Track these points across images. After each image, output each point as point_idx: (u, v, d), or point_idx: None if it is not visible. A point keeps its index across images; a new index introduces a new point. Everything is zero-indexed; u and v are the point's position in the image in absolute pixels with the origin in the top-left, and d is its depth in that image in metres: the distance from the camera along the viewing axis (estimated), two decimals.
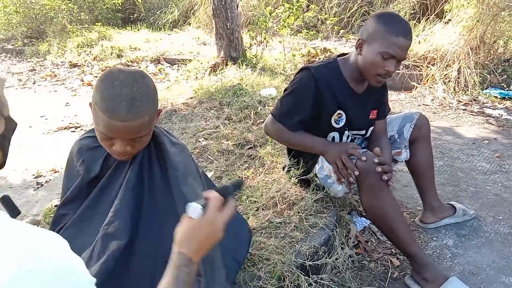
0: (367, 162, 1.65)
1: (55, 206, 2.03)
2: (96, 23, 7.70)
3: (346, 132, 1.92)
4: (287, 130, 1.85)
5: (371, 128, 1.99)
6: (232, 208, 0.94)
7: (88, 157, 1.32)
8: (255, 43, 4.95)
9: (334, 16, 6.18)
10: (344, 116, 1.87)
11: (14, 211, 1.15)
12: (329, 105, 1.82)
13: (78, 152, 1.34)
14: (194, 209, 0.89)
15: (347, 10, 6.28)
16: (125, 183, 1.22)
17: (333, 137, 1.91)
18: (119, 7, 8.45)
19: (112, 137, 1.13)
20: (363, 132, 1.97)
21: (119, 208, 1.20)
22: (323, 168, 1.86)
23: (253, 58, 4.81)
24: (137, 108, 1.08)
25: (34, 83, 5.56)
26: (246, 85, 3.77)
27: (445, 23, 4.84)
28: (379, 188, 1.67)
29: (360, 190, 1.74)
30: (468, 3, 4.44)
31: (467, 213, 2.19)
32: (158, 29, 8.01)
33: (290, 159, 2.04)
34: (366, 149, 1.77)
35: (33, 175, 2.87)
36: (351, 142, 1.98)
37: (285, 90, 1.90)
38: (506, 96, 4.01)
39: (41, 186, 2.66)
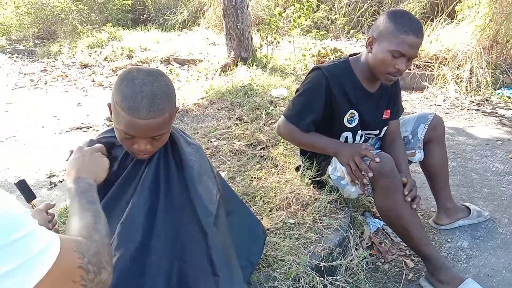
0: (380, 163, 1.64)
1: None
2: (106, 24, 7.76)
3: (360, 132, 1.91)
4: (299, 131, 1.84)
5: (385, 128, 1.97)
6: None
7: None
8: (265, 43, 4.95)
9: (344, 16, 6.16)
10: (357, 116, 1.86)
11: (29, 195, 1.20)
12: (341, 105, 1.81)
13: None
14: None
15: (357, 9, 6.26)
16: (141, 182, 1.23)
17: (346, 137, 1.90)
18: (129, 8, 8.51)
19: (133, 136, 1.14)
20: (377, 132, 1.96)
21: (135, 206, 1.21)
22: (336, 169, 1.85)
23: (263, 59, 4.80)
24: (158, 105, 1.10)
25: (45, 83, 5.61)
26: (257, 86, 3.77)
27: (456, 23, 4.80)
28: (394, 189, 1.66)
29: (374, 191, 1.73)
30: (479, 2, 4.40)
31: (481, 215, 2.17)
32: (167, 29, 8.05)
33: (303, 160, 2.03)
34: (379, 150, 1.76)
35: (47, 174, 2.89)
36: (364, 142, 1.97)
37: (297, 90, 1.90)
38: None
39: (54, 186, 2.68)
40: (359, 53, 1.88)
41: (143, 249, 1.19)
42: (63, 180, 2.75)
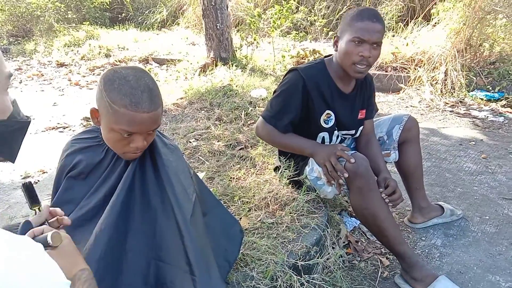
0: (355, 164, 1.67)
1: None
2: (84, 22, 7.65)
3: (336, 132, 1.94)
4: (278, 132, 1.86)
5: (361, 128, 2.01)
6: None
7: (82, 158, 1.32)
8: (245, 44, 4.96)
9: (323, 18, 6.22)
10: (333, 116, 1.89)
11: (34, 201, 1.07)
12: (317, 105, 1.85)
13: (71, 153, 1.34)
14: (55, 236, 0.90)
15: (336, 11, 6.33)
16: (121, 182, 1.22)
17: (323, 137, 1.93)
18: (107, 6, 8.41)
19: (133, 133, 1.15)
20: (353, 132, 1.99)
21: (113, 206, 1.20)
22: (313, 170, 1.87)
23: (243, 59, 4.82)
24: (155, 97, 1.14)
25: (20, 82, 5.49)
26: (236, 86, 3.78)
27: (432, 26, 4.91)
28: (368, 189, 1.69)
29: (350, 191, 1.76)
30: (454, 6, 4.52)
31: (454, 213, 2.23)
32: (146, 28, 7.98)
33: (282, 160, 2.05)
34: (355, 151, 1.79)
35: (21, 175, 2.84)
36: (341, 142, 2.01)
37: (275, 91, 1.92)
38: (492, 98, 4.09)
39: None
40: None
41: (120, 248, 1.19)
42: (38, 181, 2.70)
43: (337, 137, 1.96)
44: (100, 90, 1.14)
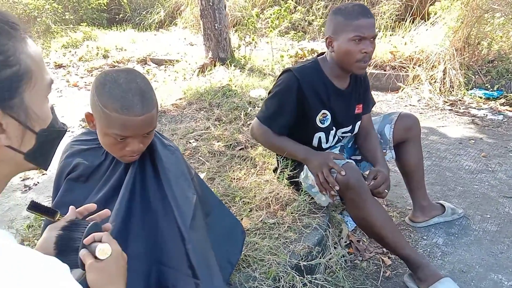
0: (346, 176, 1.65)
1: None
2: (81, 23, 7.63)
3: (333, 132, 1.93)
4: (272, 133, 1.86)
5: (358, 123, 2.01)
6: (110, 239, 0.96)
7: (81, 161, 1.31)
8: (243, 44, 4.95)
9: (321, 18, 6.22)
10: (329, 116, 1.88)
11: (51, 213, 0.98)
12: (313, 105, 1.84)
13: (71, 155, 1.33)
14: (103, 250, 0.89)
15: None
16: (123, 187, 1.21)
17: (319, 137, 1.92)
18: (104, 7, 8.38)
19: (127, 137, 1.13)
20: (350, 127, 1.98)
21: (117, 212, 1.19)
22: (307, 177, 1.86)
23: (241, 59, 4.81)
24: (148, 100, 1.11)
25: None
26: (235, 86, 3.77)
27: (430, 24, 4.91)
28: (362, 200, 1.67)
29: (345, 203, 1.76)
30: (451, 5, 4.52)
31: (456, 212, 2.22)
32: (144, 29, 7.97)
33: (280, 160, 2.03)
34: (347, 161, 1.75)
35: (20, 177, 2.82)
36: (338, 142, 2.01)
37: (269, 92, 1.92)
38: (491, 97, 4.09)
39: (29, 189, 2.62)
40: (325, 52, 1.92)
41: None
42: (38, 183, 2.69)
43: (334, 136, 1.95)
44: (93, 94, 1.12)
